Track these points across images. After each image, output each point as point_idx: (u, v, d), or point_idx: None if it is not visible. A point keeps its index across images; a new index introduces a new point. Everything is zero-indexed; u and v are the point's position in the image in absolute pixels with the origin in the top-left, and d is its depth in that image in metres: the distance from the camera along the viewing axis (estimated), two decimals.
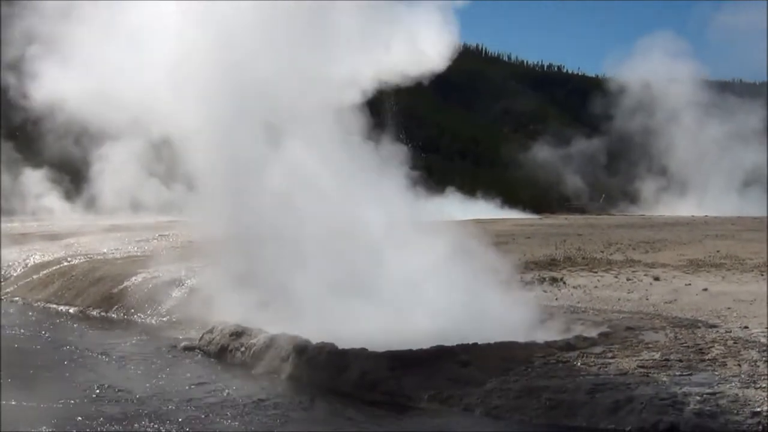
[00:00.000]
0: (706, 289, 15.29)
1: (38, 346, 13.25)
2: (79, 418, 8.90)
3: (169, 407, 9.27)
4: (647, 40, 73.03)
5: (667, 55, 66.35)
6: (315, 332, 10.79)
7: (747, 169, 58.71)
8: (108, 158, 15.91)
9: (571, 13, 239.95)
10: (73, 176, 33.96)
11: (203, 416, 9.00)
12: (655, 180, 62.78)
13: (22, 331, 14.71)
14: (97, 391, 10.02)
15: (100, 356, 12.31)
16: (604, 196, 64.14)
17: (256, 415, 9.05)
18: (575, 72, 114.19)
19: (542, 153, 66.74)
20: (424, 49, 15.64)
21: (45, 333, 14.43)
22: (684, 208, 52.26)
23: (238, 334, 11.90)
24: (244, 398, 9.70)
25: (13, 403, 9.38)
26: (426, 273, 12.43)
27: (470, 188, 53.68)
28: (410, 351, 9.95)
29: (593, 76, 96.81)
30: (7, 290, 20.01)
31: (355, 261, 12.69)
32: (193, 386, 10.30)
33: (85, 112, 15.82)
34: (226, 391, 10.07)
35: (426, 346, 10.04)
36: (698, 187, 59.13)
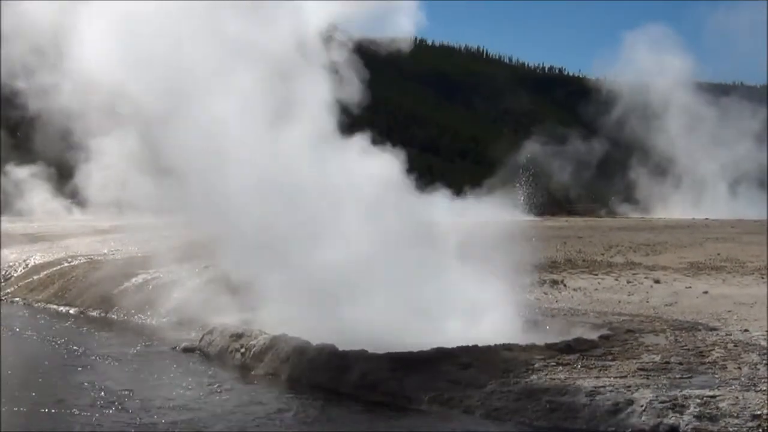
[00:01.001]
0: (706, 292, 15.30)
1: (38, 347, 13.25)
2: (77, 420, 8.90)
3: (169, 409, 9.25)
4: (635, 33, 72.45)
5: (658, 48, 66.48)
6: None
7: (743, 170, 58.85)
8: (98, 156, 15.68)
9: (570, 13, 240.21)
10: (62, 175, 33.68)
11: (202, 418, 8.99)
12: (652, 180, 62.84)
13: (21, 331, 14.72)
14: (96, 393, 9.99)
15: (99, 357, 12.30)
16: (612, 198, 64.23)
17: (255, 416, 9.04)
18: (576, 74, 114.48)
19: (540, 154, 66.55)
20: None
21: (45, 334, 14.42)
22: (678, 207, 52.41)
23: (238, 335, 11.90)
24: (244, 400, 9.70)
25: (12, 407, 9.38)
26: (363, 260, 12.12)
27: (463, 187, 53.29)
28: (410, 353, 9.95)
29: (594, 78, 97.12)
30: (8, 291, 20.03)
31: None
32: (192, 388, 10.28)
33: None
34: (226, 392, 10.07)
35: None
36: (695, 187, 59.29)
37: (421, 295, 11.89)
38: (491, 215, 17.54)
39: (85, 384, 10.47)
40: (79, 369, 11.54)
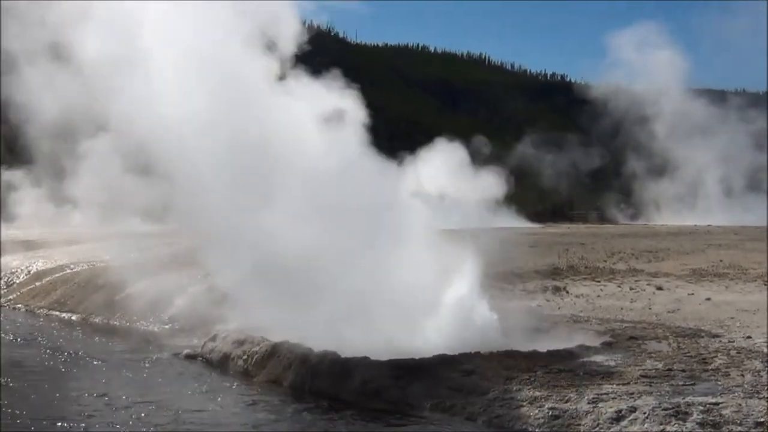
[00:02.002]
0: (709, 299, 15.27)
1: (39, 354, 13.22)
2: (77, 426, 8.89)
3: (170, 416, 9.23)
4: (629, 34, 72.25)
5: (653, 48, 66.71)
6: None
7: (741, 174, 58.99)
8: (91, 159, 15.56)
9: (569, 17, 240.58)
10: (60, 179, 33.51)
11: (203, 425, 8.98)
12: (649, 185, 62.92)
13: (23, 338, 14.72)
14: (96, 400, 9.99)
15: (101, 364, 12.29)
16: (622, 205, 64.36)
17: (257, 424, 9.03)
18: (578, 80, 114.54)
19: (540, 160, 66.63)
20: None
21: (46, 341, 14.43)
22: (675, 211, 52.41)
23: (240, 341, 11.88)
24: (246, 407, 9.69)
25: (14, 412, 9.38)
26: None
27: None
28: (413, 360, 9.94)
29: (596, 84, 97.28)
30: (10, 297, 20.04)
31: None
32: (194, 395, 10.28)
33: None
34: (228, 399, 10.06)
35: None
36: (691, 192, 59.39)
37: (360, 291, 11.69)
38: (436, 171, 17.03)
39: (82, 389, 10.47)
40: (78, 376, 11.57)
